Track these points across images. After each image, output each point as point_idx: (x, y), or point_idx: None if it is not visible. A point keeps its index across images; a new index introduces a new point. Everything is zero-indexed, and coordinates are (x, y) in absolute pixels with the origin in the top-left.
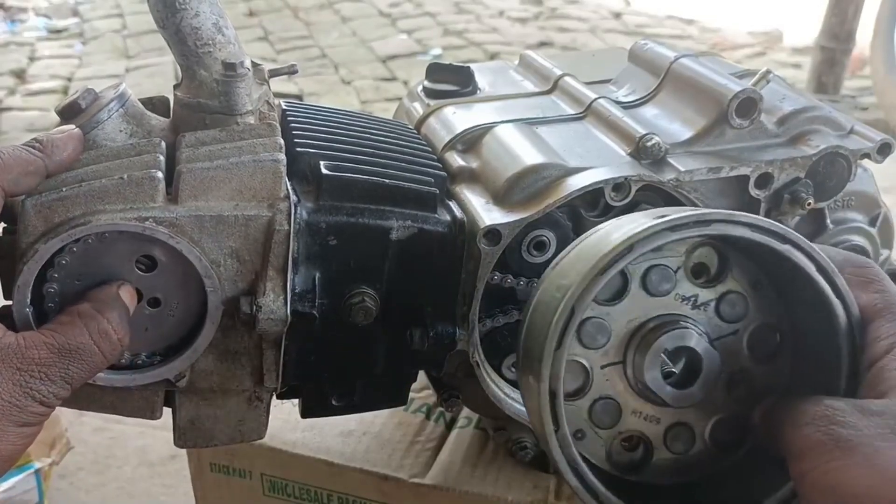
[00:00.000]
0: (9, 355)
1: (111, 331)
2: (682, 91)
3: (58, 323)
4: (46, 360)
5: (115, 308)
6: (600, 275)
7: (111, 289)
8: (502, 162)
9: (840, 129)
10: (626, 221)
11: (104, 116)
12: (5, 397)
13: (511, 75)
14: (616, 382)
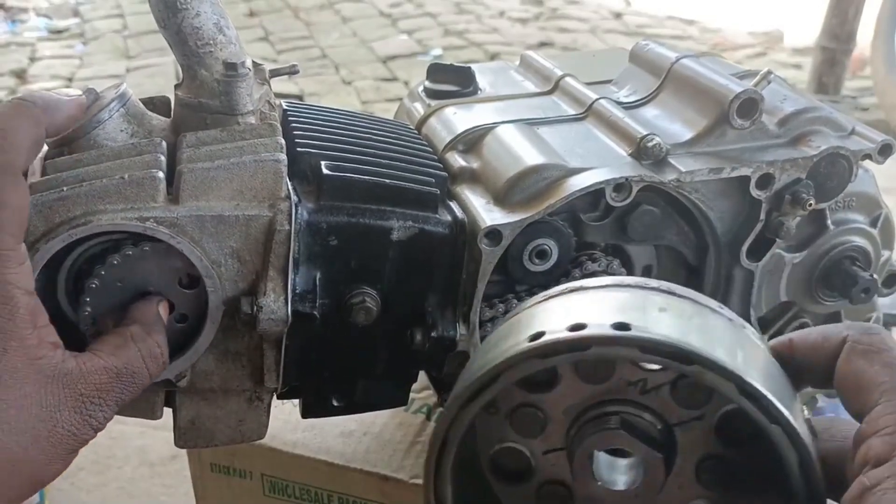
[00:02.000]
0: (72, 381)
1: (159, 353)
2: (683, 92)
3: (112, 346)
4: (105, 386)
5: (160, 330)
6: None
7: (153, 307)
8: (503, 162)
9: (841, 130)
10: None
11: (105, 116)
12: (66, 426)
13: (512, 76)
14: (563, 467)
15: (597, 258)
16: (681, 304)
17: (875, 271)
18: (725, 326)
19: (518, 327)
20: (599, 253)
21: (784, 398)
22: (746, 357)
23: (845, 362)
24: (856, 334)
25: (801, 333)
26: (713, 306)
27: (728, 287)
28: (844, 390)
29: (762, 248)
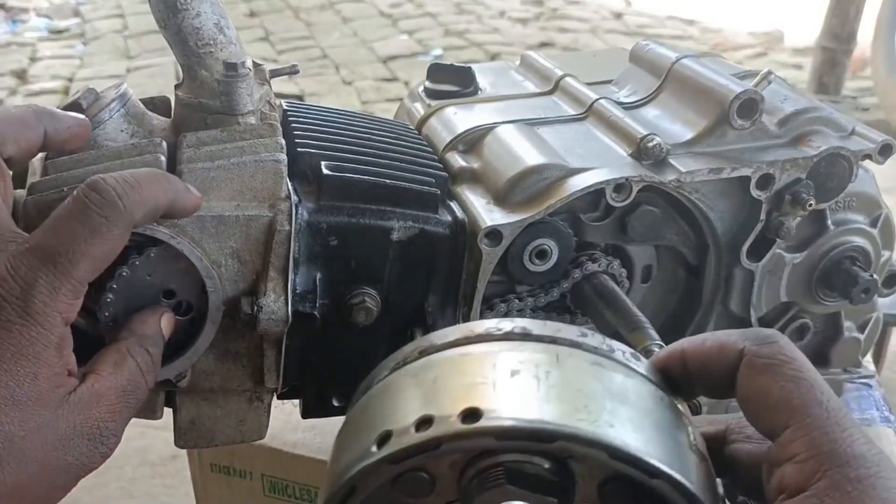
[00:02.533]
0: (85, 406)
1: (153, 367)
2: (684, 92)
3: (112, 363)
4: (116, 406)
5: (157, 342)
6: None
7: (156, 320)
8: (503, 162)
9: (841, 130)
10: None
11: (105, 116)
12: (76, 455)
13: (512, 76)
14: None
15: (597, 258)
16: (534, 356)
17: (875, 271)
18: (587, 370)
19: (366, 421)
20: (599, 253)
21: (663, 445)
22: (615, 409)
23: (746, 378)
24: (753, 346)
25: (694, 342)
26: (572, 339)
27: (728, 287)
28: (749, 409)
29: (762, 249)
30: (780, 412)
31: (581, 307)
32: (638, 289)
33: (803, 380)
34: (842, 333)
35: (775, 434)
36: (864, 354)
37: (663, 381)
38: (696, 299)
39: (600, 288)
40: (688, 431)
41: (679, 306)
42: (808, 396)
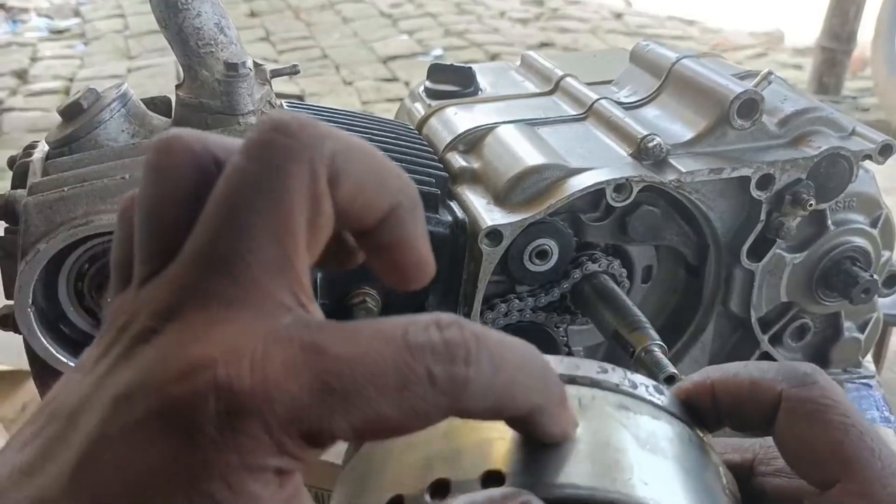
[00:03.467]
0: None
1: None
2: (684, 92)
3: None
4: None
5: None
6: None
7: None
8: (504, 162)
9: (841, 131)
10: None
11: (106, 116)
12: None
13: (512, 76)
14: None
15: (597, 258)
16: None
17: (875, 271)
18: (613, 416)
19: (372, 478)
20: (600, 253)
21: (698, 497)
22: (647, 462)
23: (787, 426)
24: (791, 390)
25: (725, 376)
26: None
27: (728, 287)
28: (792, 459)
29: (762, 249)
30: (830, 465)
31: (581, 307)
32: (638, 289)
33: (851, 426)
34: (842, 334)
35: (824, 485)
36: (865, 355)
37: (687, 414)
38: (697, 299)
39: (600, 288)
40: (719, 473)
41: (679, 306)
42: (859, 446)
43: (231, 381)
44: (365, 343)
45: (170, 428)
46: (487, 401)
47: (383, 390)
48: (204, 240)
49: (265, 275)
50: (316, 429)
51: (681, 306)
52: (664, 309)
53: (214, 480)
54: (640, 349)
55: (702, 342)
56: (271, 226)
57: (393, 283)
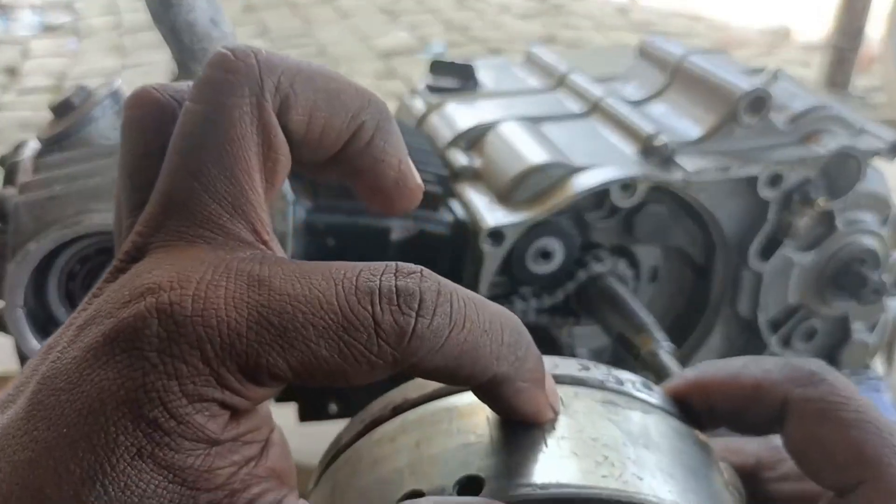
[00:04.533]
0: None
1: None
2: (691, 89)
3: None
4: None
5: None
6: None
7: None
8: (506, 160)
9: (851, 129)
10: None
11: (98, 114)
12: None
13: (515, 72)
14: None
15: (602, 259)
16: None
17: (885, 272)
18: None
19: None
20: (605, 253)
21: (698, 492)
22: (640, 457)
23: (798, 430)
24: (798, 390)
25: (720, 377)
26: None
27: (736, 288)
28: (806, 464)
29: (771, 249)
30: (851, 467)
31: (586, 309)
32: (644, 289)
33: (867, 422)
34: (851, 335)
35: (844, 489)
36: (874, 356)
37: (681, 411)
38: (704, 301)
39: (606, 289)
40: (720, 469)
41: (686, 307)
42: (878, 443)
43: (173, 306)
44: (315, 283)
45: (115, 352)
46: (439, 359)
47: (324, 332)
48: (164, 184)
49: (222, 211)
50: (253, 363)
51: (687, 308)
52: (670, 310)
53: (157, 407)
54: (644, 351)
55: (708, 344)
56: (222, 162)
57: (380, 207)
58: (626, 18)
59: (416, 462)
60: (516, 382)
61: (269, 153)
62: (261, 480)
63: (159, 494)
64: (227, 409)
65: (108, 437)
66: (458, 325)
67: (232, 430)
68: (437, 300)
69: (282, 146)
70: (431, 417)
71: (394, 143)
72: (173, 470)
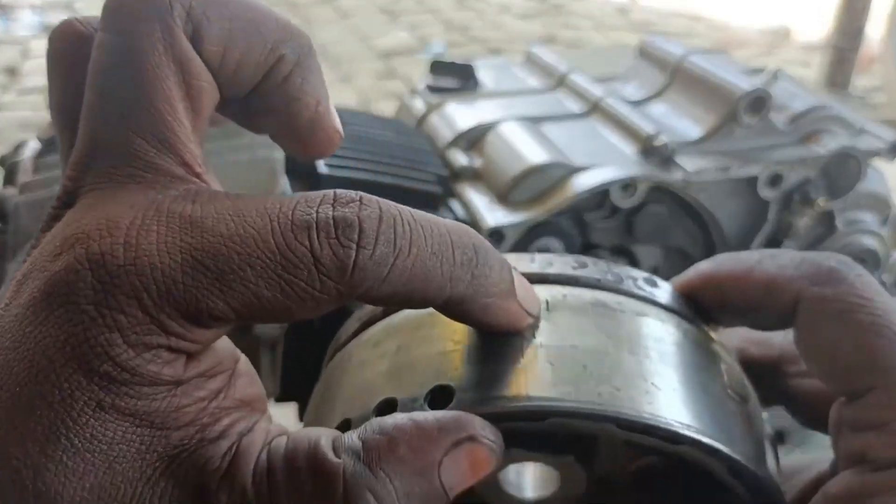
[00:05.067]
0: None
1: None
2: (692, 89)
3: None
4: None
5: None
6: None
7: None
8: (506, 160)
9: (851, 129)
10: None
11: None
12: None
13: (515, 72)
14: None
15: (602, 259)
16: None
17: (885, 272)
18: (587, 313)
19: (327, 403)
20: (605, 253)
21: (686, 402)
22: (621, 364)
23: (809, 329)
24: (814, 289)
25: (736, 272)
26: (567, 274)
27: None
28: (816, 366)
29: None
30: (861, 372)
31: None
32: None
33: (884, 327)
34: None
35: (854, 395)
36: None
37: (689, 306)
38: None
39: None
40: (720, 372)
41: None
42: (893, 349)
43: (104, 255)
44: (250, 220)
45: (53, 307)
46: (387, 288)
47: (262, 272)
48: (86, 124)
49: (147, 146)
50: (193, 308)
51: None
52: None
53: (106, 361)
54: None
55: None
56: (140, 95)
57: (294, 150)
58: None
59: (395, 369)
60: (479, 300)
61: (190, 80)
62: (231, 411)
63: (128, 440)
64: (177, 354)
65: (63, 394)
66: (404, 251)
67: (192, 369)
68: (378, 228)
69: (201, 72)
70: (414, 322)
71: (313, 81)
72: (138, 416)
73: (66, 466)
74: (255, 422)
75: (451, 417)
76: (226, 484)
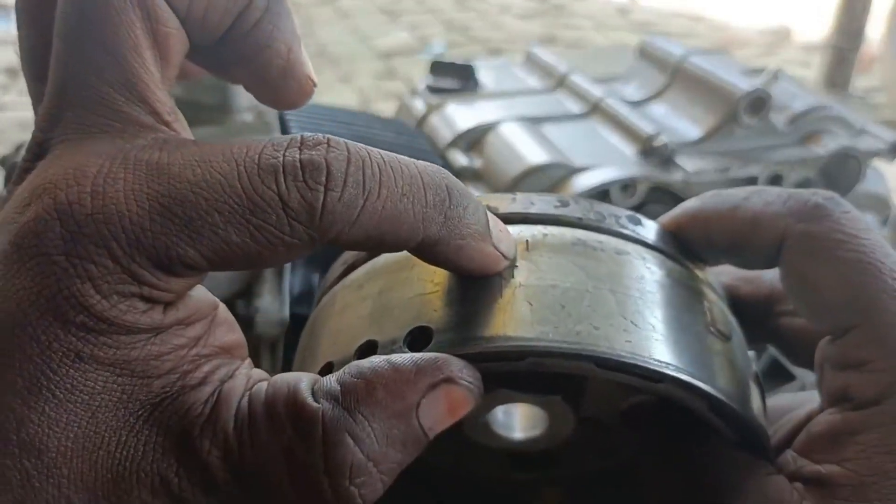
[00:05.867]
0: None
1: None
2: (692, 89)
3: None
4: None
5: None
6: None
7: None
8: (506, 161)
9: (851, 129)
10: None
11: None
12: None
13: (515, 72)
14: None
15: None
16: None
17: None
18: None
19: (311, 347)
20: None
21: (665, 338)
22: (601, 302)
23: (792, 266)
24: (798, 225)
25: (720, 209)
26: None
27: None
28: (799, 303)
29: None
30: (843, 310)
31: None
32: None
33: (868, 263)
34: None
35: (836, 332)
36: None
37: (674, 245)
38: None
39: None
40: (702, 310)
41: None
42: (876, 287)
43: (72, 205)
44: (216, 166)
45: (24, 258)
46: (358, 231)
47: (230, 217)
48: (54, 74)
49: (115, 94)
50: (164, 256)
51: None
52: None
53: (81, 312)
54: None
55: None
56: (107, 44)
57: (266, 100)
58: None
59: (376, 311)
60: (452, 241)
61: (157, 27)
62: (211, 358)
63: (109, 389)
64: (151, 303)
65: (41, 346)
66: (373, 193)
67: (170, 317)
68: (346, 170)
69: (168, 18)
70: (395, 265)
71: (283, 27)
72: (118, 365)
73: (50, 417)
74: (236, 368)
75: (429, 359)
76: (208, 429)
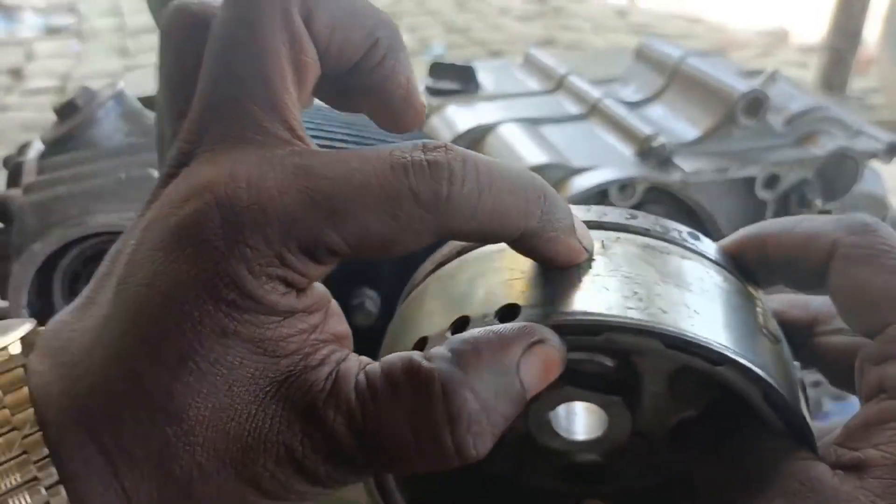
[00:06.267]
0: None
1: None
2: (689, 90)
3: None
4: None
5: None
6: None
7: None
8: (506, 161)
9: (848, 130)
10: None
11: (102, 116)
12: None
13: (515, 74)
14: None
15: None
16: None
17: None
18: (636, 253)
19: (403, 328)
20: None
21: (725, 328)
22: (668, 293)
23: (841, 272)
24: (847, 237)
25: (778, 229)
26: (619, 222)
27: None
28: (844, 305)
29: None
30: (882, 308)
31: None
32: None
33: None
34: None
35: (875, 332)
36: None
37: (731, 263)
38: None
39: None
40: (756, 313)
41: None
42: None
43: (231, 198)
44: (352, 165)
45: (184, 244)
46: (474, 221)
47: (370, 206)
48: (203, 92)
49: (259, 111)
50: (311, 240)
51: None
52: None
53: (234, 290)
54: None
55: None
56: (257, 67)
57: (386, 124)
58: (624, 20)
59: (468, 294)
60: (546, 233)
61: (299, 56)
62: (327, 344)
63: (245, 365)
64: (290, 287)
65: (194, 323)
66: (486, 189)
67: (301, 302)
68: (464, 169)
69: (310, 49)
70: (485, 257)
71: (403, 61)
72: (255, 342)
73: (193, 388)
74: (346, 355)
75: (522, 325)
76: (331, 401)
